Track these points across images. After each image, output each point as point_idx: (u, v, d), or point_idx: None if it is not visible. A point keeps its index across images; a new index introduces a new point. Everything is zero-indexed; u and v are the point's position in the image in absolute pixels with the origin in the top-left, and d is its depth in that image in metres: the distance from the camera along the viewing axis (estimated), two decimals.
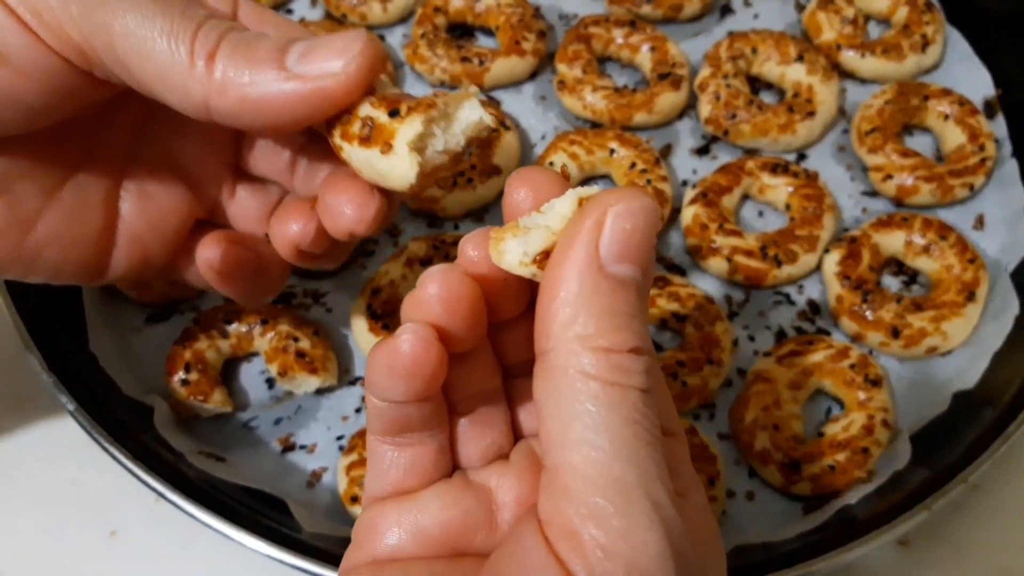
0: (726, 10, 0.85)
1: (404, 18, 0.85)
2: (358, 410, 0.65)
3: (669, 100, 0.77)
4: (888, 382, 0.65)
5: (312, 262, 0.53)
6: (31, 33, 0.40)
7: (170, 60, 0.40)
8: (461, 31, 0.84)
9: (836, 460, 0.61)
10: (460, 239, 0.61)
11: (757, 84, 0.80)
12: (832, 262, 0.69)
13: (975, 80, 0.80)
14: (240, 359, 0.67)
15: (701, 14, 0.84)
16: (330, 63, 0.41)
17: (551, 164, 0.73)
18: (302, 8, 0.86)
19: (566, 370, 0.31)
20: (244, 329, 0.65)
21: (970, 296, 0.67)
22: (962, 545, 0.62)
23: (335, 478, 0.62)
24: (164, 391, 0.64)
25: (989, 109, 0.78)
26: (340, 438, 0.64)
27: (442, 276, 0.34)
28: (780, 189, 0.72)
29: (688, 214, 0.72)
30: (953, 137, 0.75)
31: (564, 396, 0.31)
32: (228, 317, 0.65)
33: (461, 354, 0.36)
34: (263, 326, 0.65)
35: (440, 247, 0.69)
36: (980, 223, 0.73)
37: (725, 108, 0.76)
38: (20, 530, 0.63)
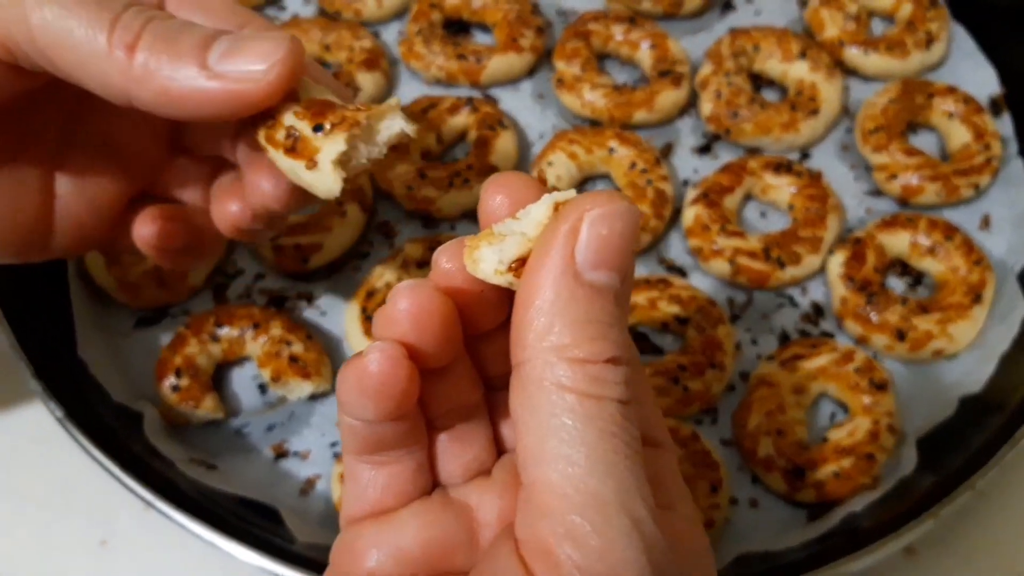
0: (727, 6, 0.84)
1: (399, 13, 0.83)
2: None
3: (670, 98, 0.75)
4: (893, 386, 0.64)
5: (253, 237, 0.53)
6: None
7: (89, 50, 0.39)
8: (457, 27, 0.83)
9: (841, 466, 0.60)
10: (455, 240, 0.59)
11: (759, 81, 0.79)
12: (836, 264, 0.68)
13: (980, 77, 0.79)
14: (232, 364, 0.66)
15: (702, 10, 0.83)
16: (252, 66, 0.40)
17: (549, 164, 0.72)
18: (295, 4, 0.84)
19: (541, 382, 0.30)
20: (236, 333, 0.64)
21: (976, 298, 0.66)
22: (970, 553, 0.61)
23: (329, 485, 0.61)
24: (154, 397, 0.62)
25: (995, 107, 0.77)
26: (334, 444, 0.63)
27: (412, 292, 0.33)
28: (783, 189, 0.71)
29: (689, 215, 0.70)
30: (958, 136, 0.74)
31: (540, 409, 0.30)
32: (219, 321, 0.64)
33: (437, 369, 0.35)
34: (255, 330, 0.64)
35: (436, 249, 0.67)
36: (986, 223, 0.72)
37: (727, 106, 0.74)
38: (9, 537, 0.62)
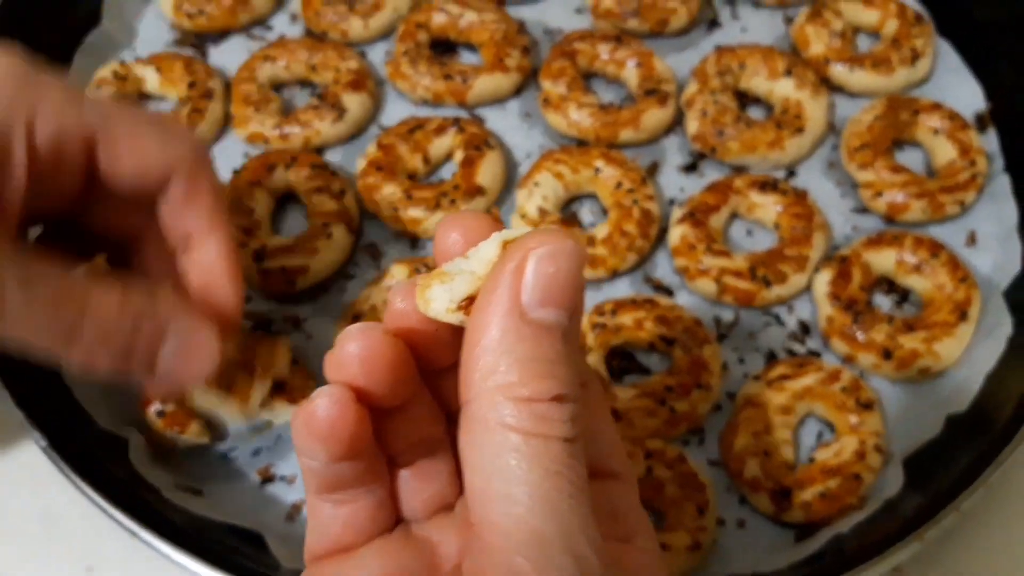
0: (713, 23, 0.84)
1: (386, 34, 0.83)
2: None
3: (655, 117, 0.76)
4: (880, 405, 0.64)
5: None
6: None
7: None
8: (444, 47, 0.83)
9: (827, 487, 0.60)
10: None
11: (745, 99, 0.79)
12: (822, 282, 0.68)
13: (966, 93, 0.79)
14: None
15: (688, 28, 0.83)
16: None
17: (536, 184, 0.72)
18: (282, 25, 0.85)
19: (487, 421, 0.30)
20: None
21: (962, 316, 0.66)
22: (958, 573, 0.61)
23: None
24: (140, 423, 0.62)
25: (980, 123, 0.77)
26: None
27: (361, 335, 0.33)
28: (769, 208, 0.71)
29: (676, 234, 0.70)
30: (944, 152, 0.74)
31: (485, 449, 0.30)
32: None
33: (395, 406, 0.35)
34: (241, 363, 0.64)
35: (422, 271, 0.67)
36: (972, 240, 0.72)
37: (712, 125, 0.74)
38: None
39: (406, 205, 0.71)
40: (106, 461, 0.59)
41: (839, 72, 0.78)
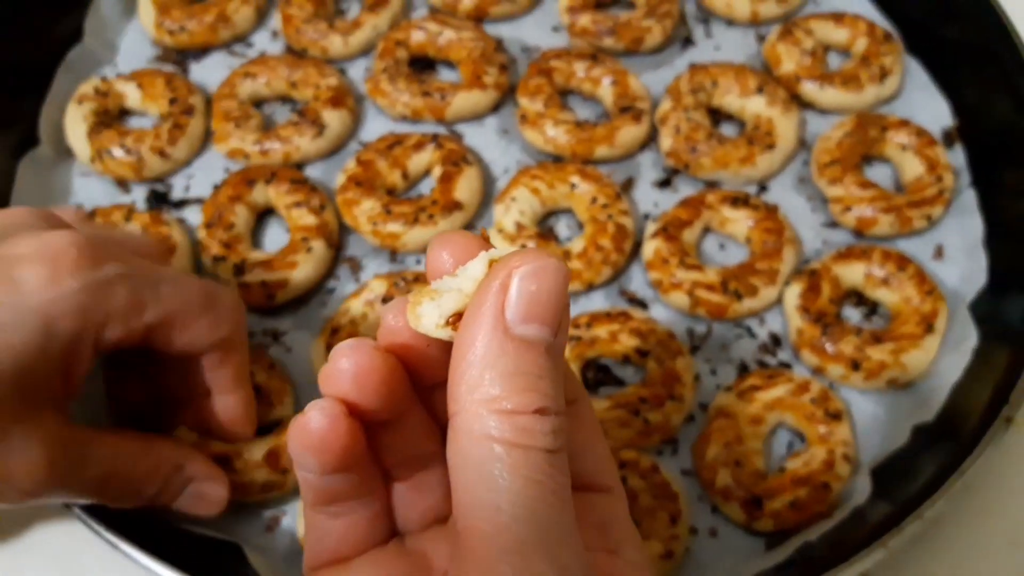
0: (687, 42, 0.86)
1: (366, 51, 0.84)
2: None
3: (630, 133, 0.77)
4: (849, 416, 0.66)
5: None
6: None
7: None
8: (423, 64, 0.84)
9: (797, 496, 0.61)
10: (421, 275, 0.60)
11: (718, 116, 0.81)
12: (793, 295, 0.70)
13: (934, 110, 0.81)
14: None
15: (663, 46, 0.85)
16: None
17: (513, 199, 0.73)
18: (263, 42, 0.86)
19: (472, 433, 0.31)
20: None
21: (929, 328, 0.67)
22: None
23: (294, 521, 0.62)
24: None
25: (948, 139, 0.79)
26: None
27: (352, 351, 0.34)
28: (740, 222, 0.73)
29: (649, 248, 0.72)
30: (912, 168, 0.76)
31: (470, 460, 0.31)
32: None
33: (389, 421, 0.36)
34: None
35: (400, 285, 0.68)
36: (940, 253, 0.74)
37: (685, 141, 0.76)
38: None
39: (385, 220, 0.72)
40: None
41: (810, 89, 0.80)
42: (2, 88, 0.77)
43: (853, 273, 0.70)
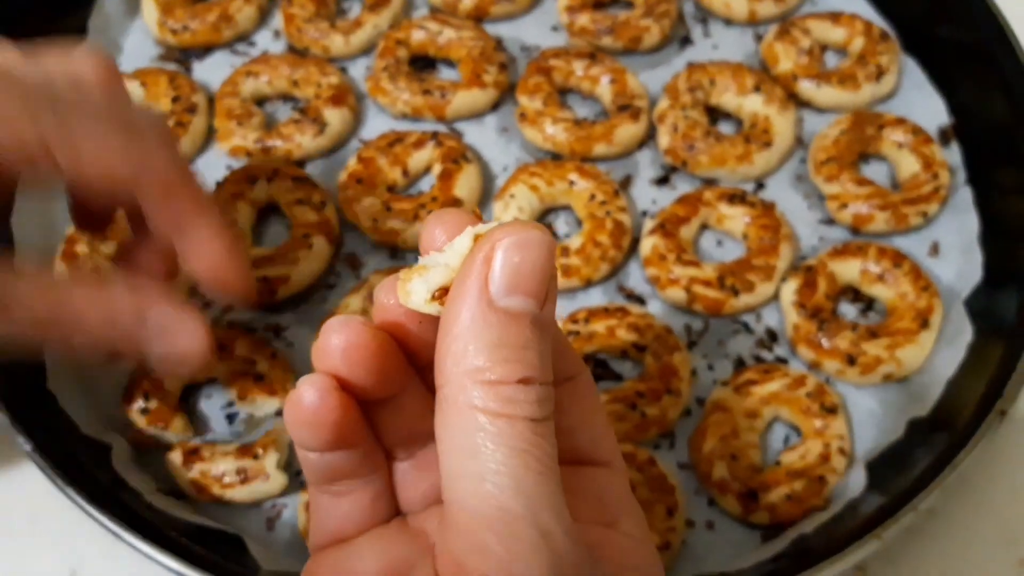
0: (685, 41, 0.87)
1: (366, 50, 0.85)
2: None
3: (628, 131, 0.78)
4: (844, 410, 0.66)
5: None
6: None
7: None
8: (423, 63, 0.85)
9: (793, 489, 0.62)
10: None
11: (716, 114, 0.81)
12: (789, 291, 0.70)
13: (930, 108, 0.82)
14: (199, 386, 0.67)
15: (661, 45, 0.85)
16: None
17: (512, 196, 0.74)
18: (265, 41, 0.86)
19: (457, 404, 0.31)
20: None
21: (924, 323, 0.68)
22: (919, 571, 0.63)
23: (295, 514, 0.62)
24: (123, 428, 0.63)
25: (943, 137, 0.80)
26: (299, 473, 0.64)
27: (342, 326, 0.35)
28: (737, 219, 0.73)
29: (647, 245, 0.72)
30: (908, 165, 0.77)
31: (455, 430, 0.32)
32: None
33: (388, 399, 0.37)
34: (221, 351, 0.66)
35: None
36: (935, 250, 0.74)
37: (683, 139, 0.77)
38: None
39: (385, 217, 0.73)
40: (90, 466, 0.60)
41: (807, 88, 0.81)
42: None
43: (849, 269, 0.71)
